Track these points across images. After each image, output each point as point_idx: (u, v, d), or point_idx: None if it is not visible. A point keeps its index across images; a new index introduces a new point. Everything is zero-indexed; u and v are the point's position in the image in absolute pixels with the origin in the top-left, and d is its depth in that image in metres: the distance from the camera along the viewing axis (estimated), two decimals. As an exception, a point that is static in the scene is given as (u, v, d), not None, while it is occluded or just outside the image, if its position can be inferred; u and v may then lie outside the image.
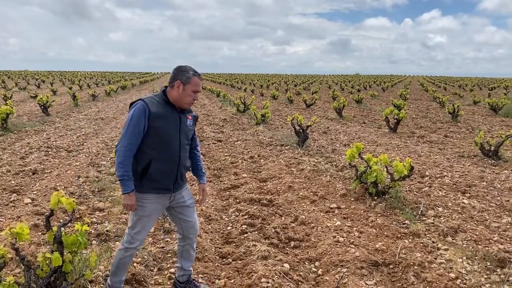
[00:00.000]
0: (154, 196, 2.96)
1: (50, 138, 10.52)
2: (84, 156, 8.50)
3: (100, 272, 3.59)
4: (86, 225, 3.11)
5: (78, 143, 9.93)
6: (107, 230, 4.56)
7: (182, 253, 3.31)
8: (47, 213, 3.04)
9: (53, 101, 16.09)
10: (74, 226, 3.04)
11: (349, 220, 5.13)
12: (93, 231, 4.55)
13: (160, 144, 2.88)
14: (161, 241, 4.46)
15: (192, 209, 3.23)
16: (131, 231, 3.01)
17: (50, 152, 8.78)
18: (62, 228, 2.99)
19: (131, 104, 2.91)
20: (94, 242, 4.32)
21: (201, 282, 3.44)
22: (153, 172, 2.89)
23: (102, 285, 3.39)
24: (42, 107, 15.16)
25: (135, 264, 3.80)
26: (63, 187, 6.15)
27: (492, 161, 8.43)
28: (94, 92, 24.01)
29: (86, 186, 6.33)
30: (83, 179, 6.69)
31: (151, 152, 2.88)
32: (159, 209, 3.06)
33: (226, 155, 8.90)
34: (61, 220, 4.79)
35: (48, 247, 3.97)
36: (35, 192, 5.94)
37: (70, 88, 24.94)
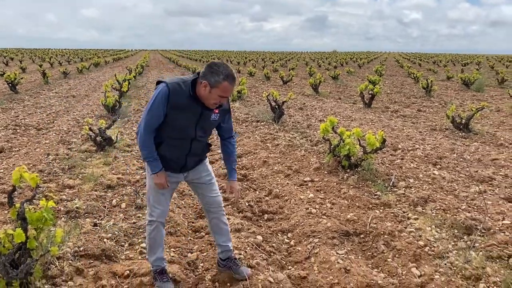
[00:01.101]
0: (166, 172, 2.92)
1: (18, 116, 10.18)
2: (54, 134, 8.27)
3: (68, 248, 3.51)
4: (52, 200, 3.03)
5: (48, 121, 9.64)
6: (77, 207, 4.46)
7: (212, 227, 3.23)
8: (10, 189, 2.93)
9: (21, 78, 15.53)
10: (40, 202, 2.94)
11: (322, 192, 5.17)
12: (62, 208, 4.45)
13: (172, 132, 2.79)
14: (132, 217, 4.40)
15: (210, 185, 3.10)
16: (148, 204, 3.00)
17: (18, 130, 8.50)
18: (26, 204, 2.89)
19: (157, 82, 2.75)
20: (63, 219, 4.23)
21: (242, 265, 3.31)
22: (162, 153, 2.84)
23: (70, 261, 3.33)
24: (10, 84, 14.61)
25: (105, 240, 3.75)
26: (31, 165, 5.98)
27: (463, 133, 8.61)
28: (65, 69, 23.28)
29: (56, 163, 6.17)
30: (52, 156, 6.52)
31: (163, 136, 2.80)
32: (172, 181, 2.98)
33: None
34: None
35: (14, 224, 3.87)
36: (1, 171, 5.76)
37: (41, 66, 24.11)
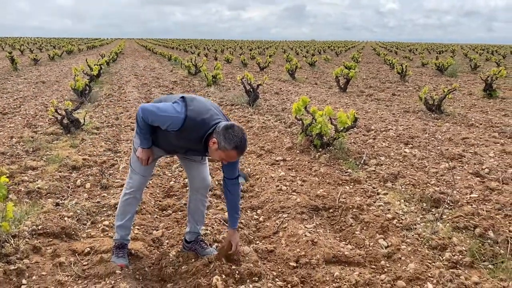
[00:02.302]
0: (154, 147, 2.85)
1: (-17, 101, 9.79)
2: (20, 118, 7.98)
3: (26, 227, 3.36)
4: (5, 176, 2.87)
5: (15, 106, 9.30)
6: (38, 188, 4.29)
7: (190, 207, 3.09)
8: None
9: (-13, 64, 14.94)
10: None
11: (293, 171, 5.12)
12: (22, 189, 4.26)
13: (164, 140, 2.74)
14: (97, 196, 4.25)
15: (202, 165, 2.99)
16: (131, 168, 2.92)
17: (-19, 115, 8.16)
18: (-26, 178, 2.74)
19: (182, 98, 2.61)
20: (24, 200, 4.05)
21: (210, 245, 3.20)
22: (154, 140, 2.78)
23: (27, 240, 3.18)
24: (-25, 70, 14.04)
25: (66, 218, 3.60)
26: (-7, 148, 5.73)
27: (435, 115, 8.69)
28: (36, 56, 22.57)
29: (20, 146, 5.94)
30: (16, 139, 6.26)
31: (156, 132, 2.72)
32: (156, 156, 2.92)
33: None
34: None
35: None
36: (-40, 153, 5.50)
37: (10, 53, 23.26)
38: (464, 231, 3.49)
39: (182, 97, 2.64)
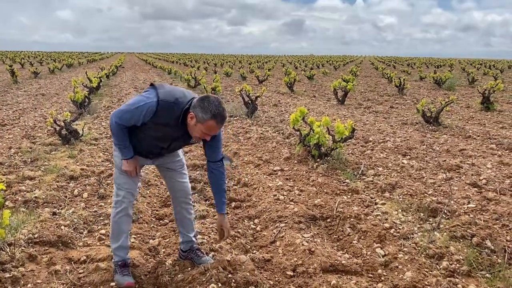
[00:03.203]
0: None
1: (-18, 113, 9.82)
2: (18, 129, 8.00)
3: (22, 235, 3.35)
4: (2, 183, 2.87)
5: (14, 117, 9.32)
6: (35, 197, 4.28)
7: (176, 216, 3.08)
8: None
9: (-12, 76, 15.01)
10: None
11: (291, 180, 5.12)
12: (19, 198, 4.25)
13: (146, 137, 2.67)
14: (94, 206, 4.24)
15: (179, 173, 2.97)
16: (116, 185, 2.83)
17: (-20, 126, 8.17)
18: (-29, 185, 2.74)
19: (151, 84, 2.58)
20: (21, 209, 4.03)
21: (206, 254, 3.15)
22: (134, 144, 2.71)
23: (23, 248, 3.17)
24: (-25, 82, 14.11)
25: (62, 227, 3.59)
26: (-9, 158, 5.73)
27: (433, 127, 8.72)
28: (36, 69, 22.69)
29: (18, 156, 5.94)
30: (14, 150, 6.27)
31: (137, 134, 2.66)
32: (138, 165, 2.83)
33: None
34: None
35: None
36: (-42, 163, 5.50)
37: (10, 66, 23.36)
38: (461, 240, 3.48)
39: (151, 84, 2.60)
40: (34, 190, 4.54)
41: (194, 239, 3.16)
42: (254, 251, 3.43)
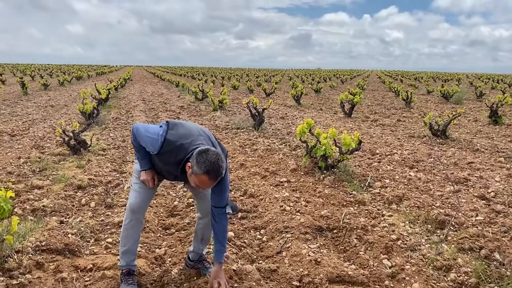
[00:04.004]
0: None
1: (-8, 123, 9.95)
2: (28, 140, 8.08)
3: (30, 243, 3.37)
4: (11, 190, 2.91)
5: (23, 128, 9.43)
6: (43, 206, 4.31)
7: (197, 229, 3.04)
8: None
9: (-1, 88, 15.25)
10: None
11: (297, 192, 5.11)
12: (28, 207, 4.29)
13: (156, 164, 2.76)
14: (101, 215, 4.26)
15: (208, 194, 2.81)
16: (130, 193, 2.85)
17: (-10, 136, 8.28)
18: (-19, 192, 2.77)
19: (167, 121, 2.66)
20: (29, 217, 4.07)
21: (212, 263, 3.06)
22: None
23: (30, 255, 3.19)
24: (-14, 94, 14.33)
25: (69, 235, 3.61)
26: (0, 168, 5.80)
27: (441, 140, 8.69)
28: (46, 81, 22.99)
29: (27, 166, 6.00)
30: (23, 160, 6.34)
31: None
32: (156, 176, 2.82)
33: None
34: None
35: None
36: (-32, 172, 5.56)
37: (21, 78, 23.71)
38: (469, 252, 3.45)
39: (167, 121, 2.65)
40: (42, 199, 4.58)
41: (204, 253, 3.16)
42: (260, 261, 3.41)
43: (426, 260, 3.33)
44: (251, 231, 4.04)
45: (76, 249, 3.41)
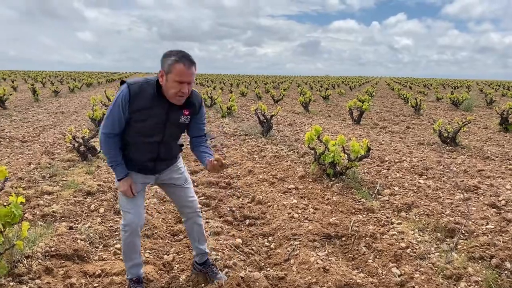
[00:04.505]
0: (134, 173, 2.72)
1: (4, 129, 10.06)
2: (38, 146, 8.17)
3: (39, 248, 3.39)
4: (22, 196, 2.94)
5: (34, 134, 9.54)
6: (53, 211, 4.35)
7: (187, 230, 3.04)
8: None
9: (10, 94, 15.46)
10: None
11: (306, 199, 5.10)
12: (38, 212, 4.33)
13: (138, 135, 2.59)
14: (110, 221, 4.28)
15: (184, 189, 2.90)
16: (121, 209, 2.77)
17: (2, 142, 8.37)
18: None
19: (121, 82, 2.54)
20: (39, 222, 4.10)
21: (220, 270, 3.15)
22: (130, 156, 2.67)
23: (40, 261, 3.21)
24: (-2, 100, 14.52)
25: (78, 241, 3.63)
26: (11, 173, 5.86)
27: (450, 147, 8.62)
28: (57, 88, 23.26)
29: (37, 172, 6.06)
30: (34, 165, 6.40)
31: (128, 138, 2.61)
32: (142, 183, 2.77)
33: (187, 144, 8.70)
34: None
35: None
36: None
37: (32, 85, 24.03)
38: (480, 261, 3.40)
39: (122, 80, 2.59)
40: (52, 205, 4.62)
41: (207, 250, 3.12)
42: (268, 269, 3.41)
43: (436, 268, 3.30)
44: (259, 238, 4.04)
45: (85, 254, 3.43)
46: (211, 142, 3.34)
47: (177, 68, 2.35)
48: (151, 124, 2.56)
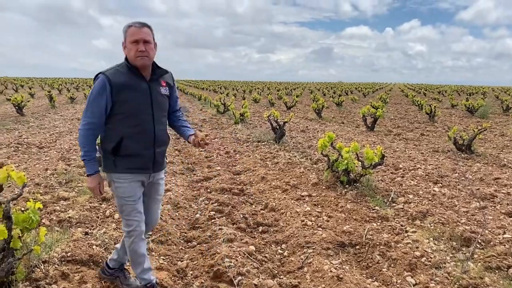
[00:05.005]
0: (131, 176, 2.69)
1: (22, 136, 10.26)
2: (55, 152, 8.30)
3: (56, 254, 3.44)
4: (39, 202, 2.99)
5: (51, 141, 9.70)
6: (69, 217, 4.41)
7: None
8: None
9: (28, 101, 15.77)
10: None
11: (319, 206, 5.08)
12: (54, 218, 4.40)
13: (129, 119, 2.59)
14: (125, 226, 4.33)
15: (158, 202, 2.96)
16: (123, 216, 2.76)
17: (20, 148, 8.54)
18: (11, 203, 2.86)
19: (95, 76, 2.60)
20: (56, 228, 4.17)
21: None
22: (126, 151, 2.62)
23: (56, 266, 3.26)
24: (16, 107, 14.83)
25: (94, 246, 3.67)
26: (28, 179, 5.96)
27: (465, 155, 8.52)
28: (73, 94, 23.63)
29: (53, 177, 6.15)
30: (50, 171, 6.51)
31: (121, 129, 2.60)
32: (140, 186, 2.77)
33: (201, 150, 8.77)
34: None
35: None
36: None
37: (49, 92, 24.51)
38: (496, 271, 3.35)
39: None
40: (68, 210, 4.68)
41: (127, 261, 3.07)
42: (282, 276, 3.40)
43: (452, 278, 3.25)
44: (272, 245, 4.04)
45: (100, 260, 3.47)
46: (185, 114, 3.40)
47: (129, 31, 2.56)
48: (137, 101, 2.62)
